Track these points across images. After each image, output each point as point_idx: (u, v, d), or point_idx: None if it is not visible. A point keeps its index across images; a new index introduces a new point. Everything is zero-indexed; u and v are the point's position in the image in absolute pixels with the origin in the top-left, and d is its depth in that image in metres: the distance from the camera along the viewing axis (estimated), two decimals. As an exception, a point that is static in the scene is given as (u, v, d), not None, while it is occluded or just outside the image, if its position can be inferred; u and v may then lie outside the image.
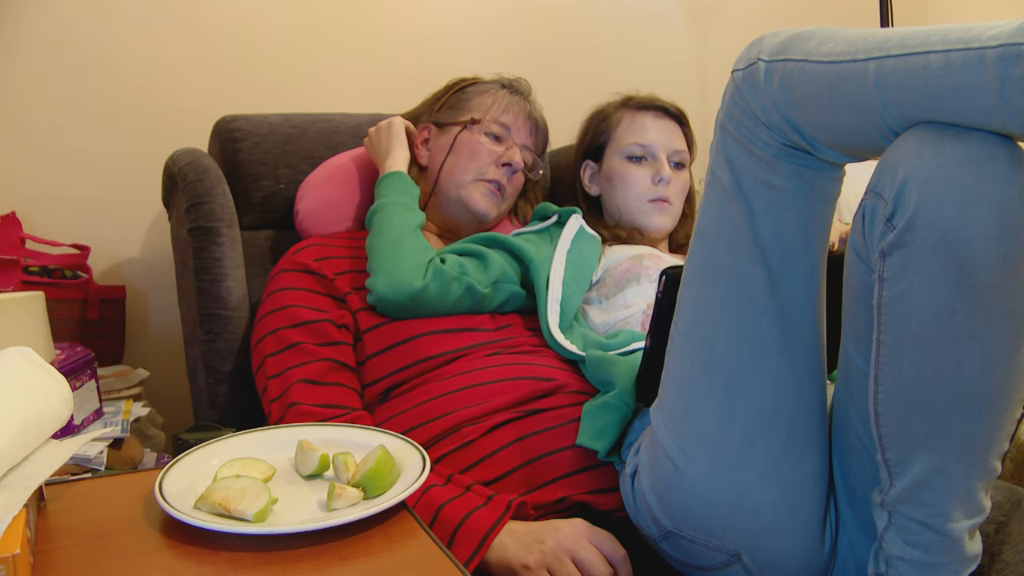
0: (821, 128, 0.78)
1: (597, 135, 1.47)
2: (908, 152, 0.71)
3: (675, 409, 0.91)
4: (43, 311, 1.15)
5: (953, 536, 0.77)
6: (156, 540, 0.71)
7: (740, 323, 0.85)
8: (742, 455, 0.87)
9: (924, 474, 0.75)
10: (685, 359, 0.90)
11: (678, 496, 0.91)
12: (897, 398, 0.76)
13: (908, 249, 0.71)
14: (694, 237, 0.90)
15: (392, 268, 1.17)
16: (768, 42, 0.81)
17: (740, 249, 0.84)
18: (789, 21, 2.14)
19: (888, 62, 0.72)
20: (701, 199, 0.89)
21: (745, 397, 0.86)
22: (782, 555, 0.90)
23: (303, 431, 0.90)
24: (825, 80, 0.76)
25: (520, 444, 1.04)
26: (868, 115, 0.74)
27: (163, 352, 1.70)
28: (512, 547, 0.92)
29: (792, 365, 0.85)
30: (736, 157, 0.83)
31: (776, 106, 0.79)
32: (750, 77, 0.81)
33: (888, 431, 0.77)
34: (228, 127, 1.44)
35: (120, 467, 1.18)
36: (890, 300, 0.74)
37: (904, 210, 0.71)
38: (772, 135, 0.80)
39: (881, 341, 0.75)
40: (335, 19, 1.79)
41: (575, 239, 1.34)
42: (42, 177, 1.60)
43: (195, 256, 1.30)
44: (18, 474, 0.70)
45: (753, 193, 0.82)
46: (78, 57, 1.60)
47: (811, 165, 0.81)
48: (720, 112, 0.85)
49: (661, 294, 0.98)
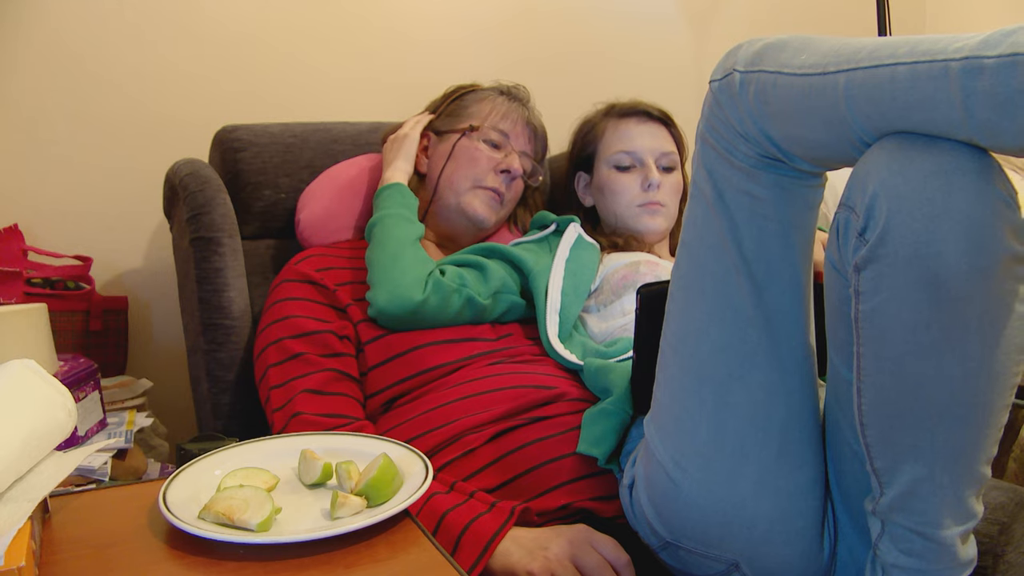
0: (795, 141, 0.78)
1: (585, 146, 1.47)
2: (877, 165, 0.71)
3: (667, 422, 0.91)
4: (46, 322, 1.16)
5: (945, 543, 0.76)
6: (160, 551, 0.71)
7: (727, 334, 0.85)
8: (735, 466, 0.86)
9: (912, 483, 0.75)
10: (675, 370, 0.90)
11: (674, 507, 0.91)
12: (880, 409, 0.76)
13: (881, 263, 0.71)
14: (679, 249, 0.90)
15: (392, 281, 1.17)
16: (744, 52, 0.81)
17: (724, 260, 0.84)
18: (787, 26, 2.15)
19: (857, 74, 0.72)
20: (685, 211, 0.89)
21: (736, 408, 0.86)
22: (780, 563, 0.89)
23: (306, 440, 0.90)
24: (797, 93, 0.76)
25: (522, 452, 1.04)
26: (839, 128, 0.74)
27: (166, 362, 1.70)
28: (516, 554, 0.92)
29: (782, 374, 0.85)
30: (716, 168, 0.83)
31: (752, 118, 0.79)
32: (727, 88, 0.81)
33: (874, 441, 0.77)
34: (228, 137, 1.44)
35: (124, 478, 1.19)
36: (866, 314, 0.73)
37: (875, 224, 0.70)
38: (750, 146, 0.80)
39: (861, 354, 0.75)
40: (334, 28, 1.79)
41: (573, 248, 1.34)
42: (44, 189, 1.60)
43: (197, 266, 1.31)
44: (22, 486, 0.70)
45: (735, 203, 0.82)
46: (79, 69, 1.60)
47: (790, 174, 0.81)
48: (700, 123, 0.85)
49: (639, 312, 0.99)
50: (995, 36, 0.66)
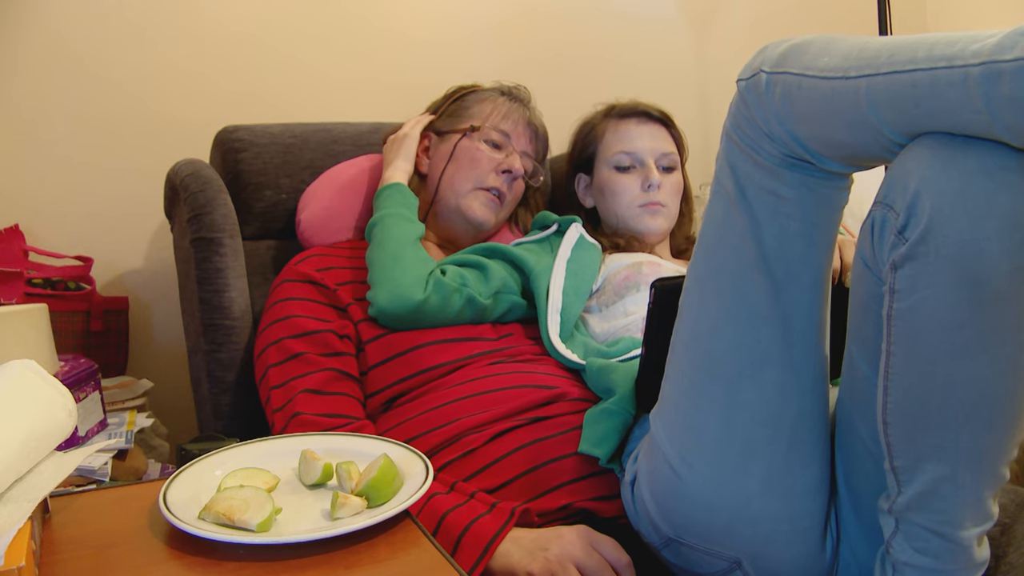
0: (823, 142, 0.78)
1: (585, 147, 1.47)
2: (919, 163, 0.71)
3: (675, 416, 0.91)
4: (46, 323, 1.16)
5: (963, 543, 0.76)
6: (161, 551, 0.71)
7: (742, 332, 0.85)
8: (743, 463, 0.86)
9: (933, 482, 0.75)
10: (686, 366, 0.90)
11: (678, 503, 0.91)
12: (906, 409, 0.75)
13: (920, 262, 0.70)
14: (697, 245, 0.89)
15: (392, 281, 1.17)
16: (770, 52, 0.81)
17: (744, 258, 0.83)
18: (788, 27, 2.15)
19: (877, 80, 0.72)
20: (705, 208, 0.89)
21: (747, 406, 0.86)
22: (783, 563, 0.89)
23: (306, 441, 0.90)
24: (820, 97, 0.76)
25: (523, 452, 1.04)
26: (866, 130, 0.74)
27: (166, 363, 1.70)
28: (516, 555, 0.92)
29: (795, 374, 0.85)
30: (740, 166, 0.83)
31: (778, 118, 0.79)
32: (753, 88, 0.81)
33: (897, 440, 0.77)
34: (229, 138, 1.44)
35: (124, 478, 1.19)
36: (901, 312, 0.73)
37: (917, 223, 0.70)
38: (775, 146, 0.80)
39: (891, 352, 0.75)
40: (335, 29, 1.79)
41: (575, 248, 1.34)
42: (44, 189, 1.60)
43: (198, 267, 1.31)
44: (23, 486, 0.70)
45: (757, 201, 0.82)
46: (79, 69, 1.60)
47: (816, 175, 0.81)
48: (726, 121, 0.85)
49: (652, 305, 0.99)
50: (1011, 37, 0.65)
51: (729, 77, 0.84)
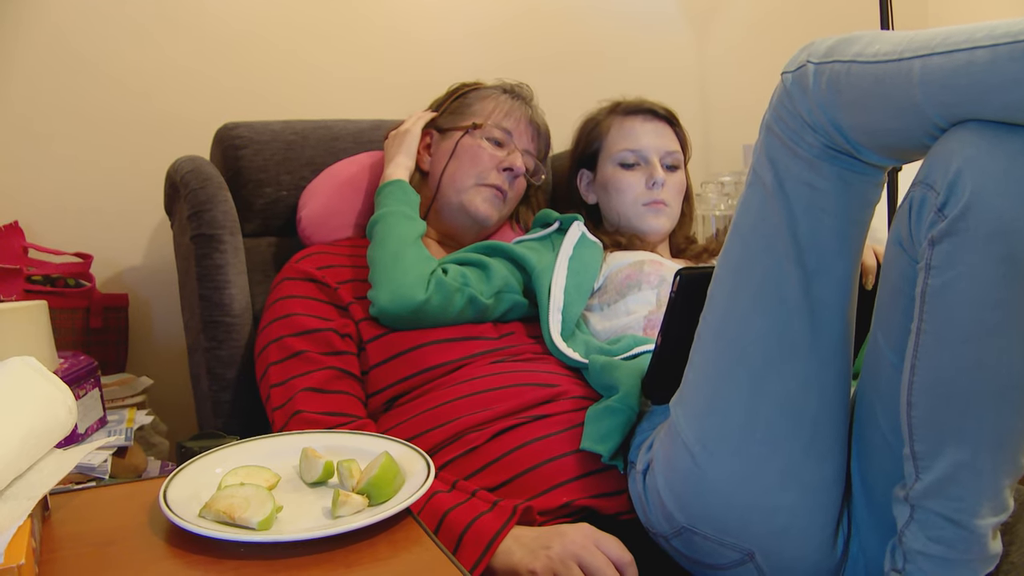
0: (865, 131, 0.79)
1: (589, 143, 1.47)
2: (961, 144, 0.72)
3: (699, 403, 0.91)
4: (46, 320, 1.15)
5: (978, 532, 0.77)
6: (161, 549, 0.71)
7: (772, 322, 0.86)
8: (764, 453, 0.87)
9: (952, 468, 0.76)
10: (713, 354, 0.91)
11: (695, 491, 0.91)
12: (933, 389, 0.76)
13: (959, 237, 0.72)
14: (730, 235, 0.90)
15: (394, 281, 1.17)
16: (817, 46, 0.83)
17: (778, 248, 0.84)
18: (788, 26, 2.15)
19: (932, 59, 0.73)
20: (740, 199, 0.90)
21: (771, 396, 0.86)
22: (795, 556, 0.90)
23: (307, 438, 0.90)
24: (870, 80, 0.77)
25: (524, 450, 1.04)
26: (911, 114, 0.75)
27: (166, 360, 1.70)
28: (518, 553, 0.91)
29: (819, 366, 0.86)
30: (779, 158, 0.84)
31: (822, 108, 0.80)
32: (799, 79, 0.82)
33: (919, 423, 0.77)
34: (229, 134, 1.44)
35: (124, 476, 1.18)
36: (935, 288, 0.74)
37: (957, 199, 0.71)
38: (817, 137, 0.81)
39: (921, 330, 0.76)
40: (336, 26, 1.79)
41: (577, 246, 1.34)
42: (44, 186, 1.60)
43: (198, 264, 1.31)
44: (22, 484, 0.69)
45: (794, 193, 0.83)
46: (79, 66, 1.60)
47: (853, 168, 0.82)
48: (766, 114, 0.86)
49: (675, 294, 0.99)
50: None
51: (729, 76, 0.85)
